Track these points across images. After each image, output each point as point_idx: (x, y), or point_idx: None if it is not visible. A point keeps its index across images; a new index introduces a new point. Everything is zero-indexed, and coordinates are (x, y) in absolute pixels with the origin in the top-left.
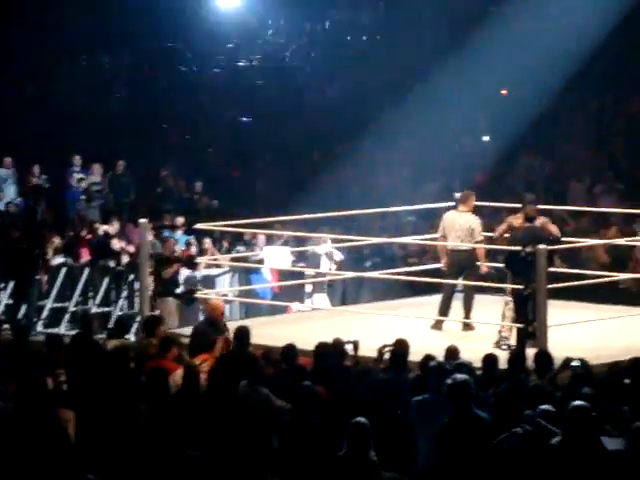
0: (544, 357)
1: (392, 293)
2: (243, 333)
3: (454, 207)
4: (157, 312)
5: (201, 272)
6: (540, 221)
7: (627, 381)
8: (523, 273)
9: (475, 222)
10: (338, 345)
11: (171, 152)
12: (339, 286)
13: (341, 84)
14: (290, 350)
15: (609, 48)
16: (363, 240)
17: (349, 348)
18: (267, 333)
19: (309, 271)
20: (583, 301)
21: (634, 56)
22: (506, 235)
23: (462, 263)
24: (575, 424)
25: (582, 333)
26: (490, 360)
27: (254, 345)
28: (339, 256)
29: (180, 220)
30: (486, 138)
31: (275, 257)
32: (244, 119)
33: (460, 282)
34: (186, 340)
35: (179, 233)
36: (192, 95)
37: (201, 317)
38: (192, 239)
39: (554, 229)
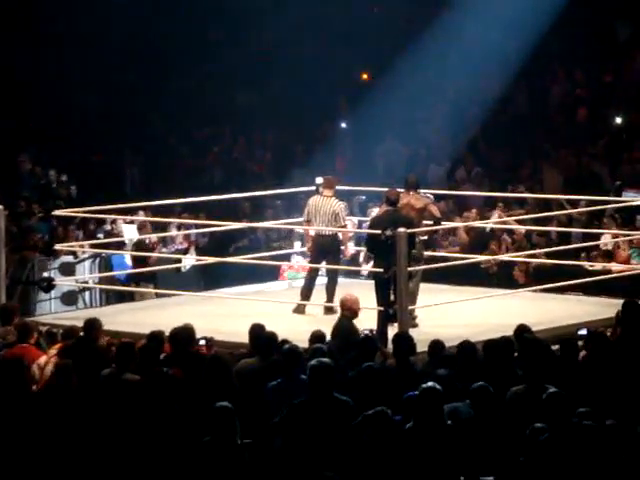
0: (403, 339)
1: (256, 278)
2: (92, 324)
3: (317, 192)
4: None
5: (61, 259)
6: (424, 202)
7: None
8: (383, 256)
9: (339, 207)
10: (190, 330)
11: (31, 137)
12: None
13: (202, 69)
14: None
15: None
16: (227, 225)
17: (202, 343)
18: (126, 320)
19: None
20: (444, 283)
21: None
22: None
23: (326, 247)
24: (425, 405)
25: (443, 315)
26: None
27: (111, 332)
28: None
29: (36, 207)
30: (344, 125)
31: (133, 236)
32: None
33: (323, 266)
34: (44, 328)
35: (35, 220)
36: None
37: None
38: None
39: (434, 210)
